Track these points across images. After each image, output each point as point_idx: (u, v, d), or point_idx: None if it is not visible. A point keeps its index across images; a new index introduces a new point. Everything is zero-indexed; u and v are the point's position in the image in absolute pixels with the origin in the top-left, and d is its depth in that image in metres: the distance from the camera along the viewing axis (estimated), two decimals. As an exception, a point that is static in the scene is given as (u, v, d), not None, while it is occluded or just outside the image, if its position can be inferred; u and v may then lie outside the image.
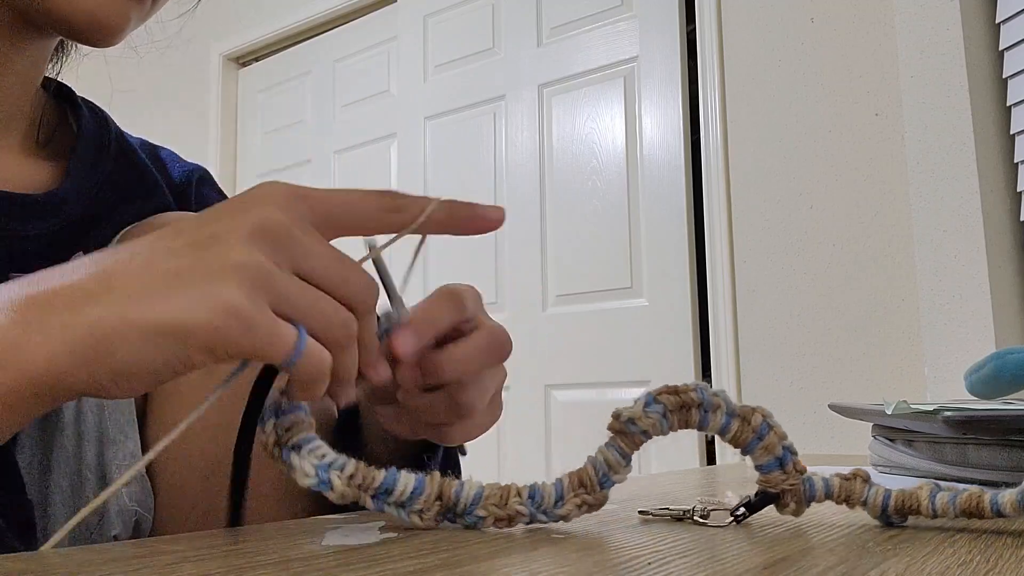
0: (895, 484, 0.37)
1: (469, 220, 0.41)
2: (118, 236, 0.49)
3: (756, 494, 0.37)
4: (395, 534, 0.35)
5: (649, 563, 0.28)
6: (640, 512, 0.39)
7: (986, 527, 0.36)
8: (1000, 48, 1.56)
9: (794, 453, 0.36)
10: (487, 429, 0.44)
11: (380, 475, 0.35)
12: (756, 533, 0.35)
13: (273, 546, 0.32)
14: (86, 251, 0.50)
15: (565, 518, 0.36)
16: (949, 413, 0.48)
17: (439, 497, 0.35)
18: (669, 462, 1.88)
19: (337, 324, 0.33)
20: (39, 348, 0.29)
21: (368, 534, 0.35)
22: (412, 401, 0.41)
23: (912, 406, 0.52)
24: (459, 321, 0.41)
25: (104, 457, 0.46)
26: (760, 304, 1.81)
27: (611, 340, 2.08)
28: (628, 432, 0.36)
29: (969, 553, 0.30)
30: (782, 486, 0.36)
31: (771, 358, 1.78)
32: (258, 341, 0.30)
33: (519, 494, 0.36)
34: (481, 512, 0.35)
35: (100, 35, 0.47)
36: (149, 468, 0.48)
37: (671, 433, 0.36)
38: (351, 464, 0.35)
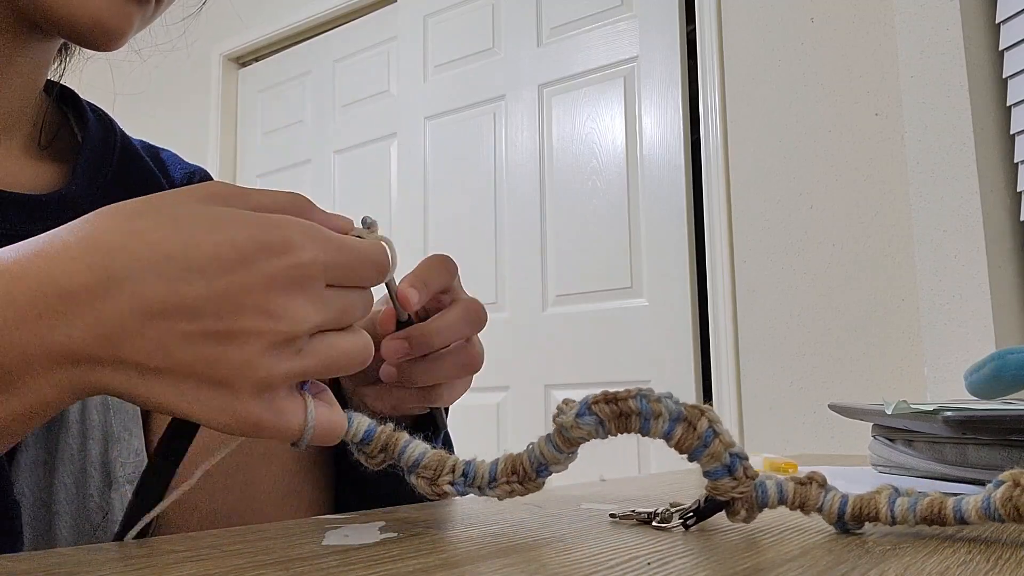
0: (896, 484, 0.37)
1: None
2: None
3: (705, 500, 0.35)
4: (395, 534, 0.35)
5: (649, 563, 0.28)
6: (611, 515, 0.40)
7: (949, 532, 0.35)
8: (1000, 48, 1.56)
9: (744, 459, 0.34)
10: (464, 391, 0.49)
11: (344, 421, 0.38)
12: (757, 533, 0.35)
13: (273, 546, 0.32)
14: None
15: (497, 498, 0.38)
16: (949, 413, 0.48)
17: (385, 448, 0.37)
18: (669, 462, 1.88)
19: (356, 364, 0.35)
20: (43, 395, 0.30)
21: (368, 534, 0.35)
22: (397, 375, 0.45)
23: (912, 406, 0.52)
24: (448, 286, 0.46)
25: (109, 454, 0.46)
26: (760, 304, 1.81)
27: (611, 340, 2.08)
28: (564, 435, 0.36)
29: (969, 553, 0.30)
30: (731, 494, 0.34)
31: (771, 358, 1.78)
32: (268, 434, 0.32)
33: (453, 471, 0.37)
34: (413, 479, 0.38)
35: (104, 39, 0.47)
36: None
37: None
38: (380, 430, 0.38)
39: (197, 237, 0.30)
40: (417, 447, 0.37)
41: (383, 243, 0.36)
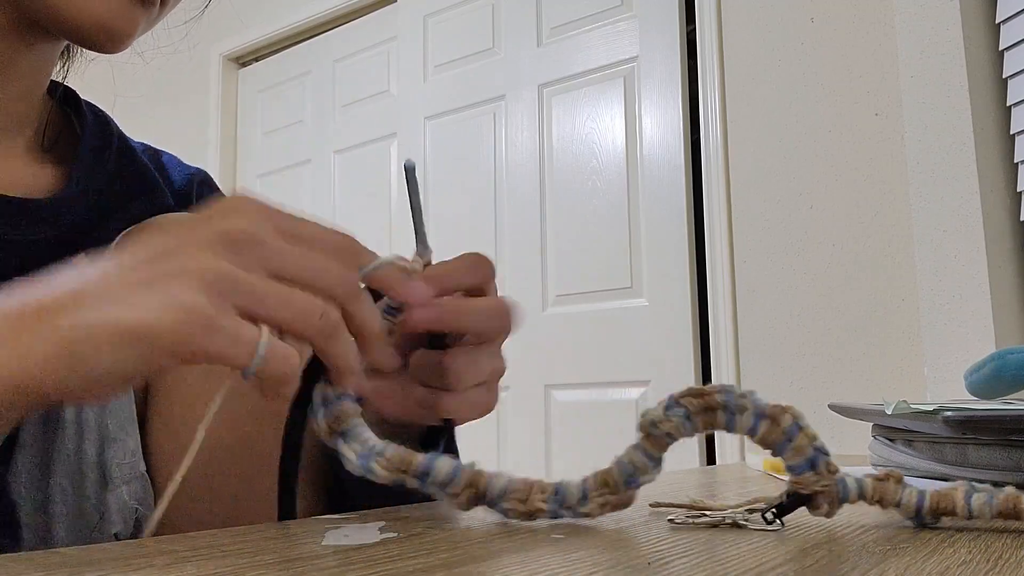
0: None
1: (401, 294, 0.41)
2: (118, 239, 0.49)
3: (787, 495, 0.36)
4: (395, 534, 0.35)
5: (649, 563, 0.28)
6: (669, 521, 0.38)
7: (995, 526, 0.36)
8: (1000, 48, 1.56)
9: (826, 454, 0.35)
10: (480, 413, 0.44)
11: (418, 458, 0.37)
12: (755, 534, 0.35)
13: (273, 546, 0.32)
14: (88, 255, 0.50)
15: (589, 515, 0.37)
16: (949, 413, 0.48)
17: (471, 484, 0.37)
18: (669, 461, 1.88)
19: (312, 314, 0.33)
20: (12, 360, 0.30)
21: (368, 534, 0.35)
22: (414, 354, 0.42)
23: (912, 406, 0.52)
24: (472, 285, 0.43)
25: (105, 455, 0.46)
26: (760, 304, 1.81)
27: (611, 340, 2.08)
28: (652, 434, 0.36)
29: (969, 553, 0.30)
30: (814, 487, 0.35)
31: (771, 358, 1.78)
32: (220, 342, 0.31)
33: (543, 491, 0.37)
34: (506, 504, 0.37)
35: (109, 41, 0.47)
36: (150, 466, 0.48)
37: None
38: (391, 448, 0.37)
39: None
40: (501, 477, 0.37)
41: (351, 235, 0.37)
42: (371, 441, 0.37)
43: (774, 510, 0.36)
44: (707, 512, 0.38)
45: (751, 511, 0.37)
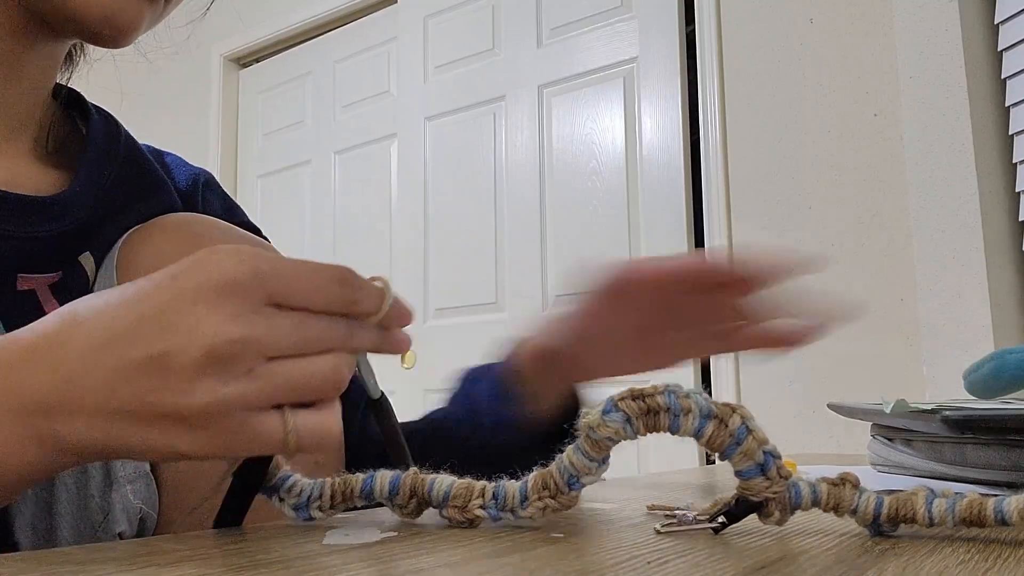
0: (896, 484, 0.36)
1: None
2: (124, 237, 0.49)
3: (736, 502, 0.34)
4: (395, 533, 0.35)
5: (649, 563, 0.29)
6: (656, 529, 0.37)
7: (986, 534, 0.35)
8: (999, 48, 1.56)
9: (777, 457, 0.33)
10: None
11: (359, 481, 0.37)
12: (756, 534, 0.35)
13: (274, 546, 0.32)
14: (93, 253, 0.50)
15: (530, 519, 0.36)
16: (948, 413, 0.48)
17: (413, 493, 0.37)
18: (669, 461, 1.88)
19: (327, 388, 0.34)
20: (11, 450, 0.31)
21: (368, 534, 0.35)
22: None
23: (911, 406, 0.52)
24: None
25: None
26: (760, 304, 1.81)
27: (611, 340, 2.08)
28: (591, 438, 0.34)
29: (968, 553, 0.31)
30: (765, 494, 0.33)
31: (771, 358, 1.78)
32: (248, 452, 0.33)
33: (482, 494, 0.36)
34: (446, 512, 0.36)
35: (115, 35, 0.46)
36: (154, 466, 0.48)
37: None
38: (326, 486, 0.37)
39: (143, 277, 0.33)
40: (444, 480, 0.36)
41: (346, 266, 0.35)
42: (300, 487, 0.37)
43: (722, 518, 0.34)
44: (674, 515, 0.37)
45: (711, 517, 0.35)
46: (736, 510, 0.34)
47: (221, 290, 0.31)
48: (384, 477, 0.37)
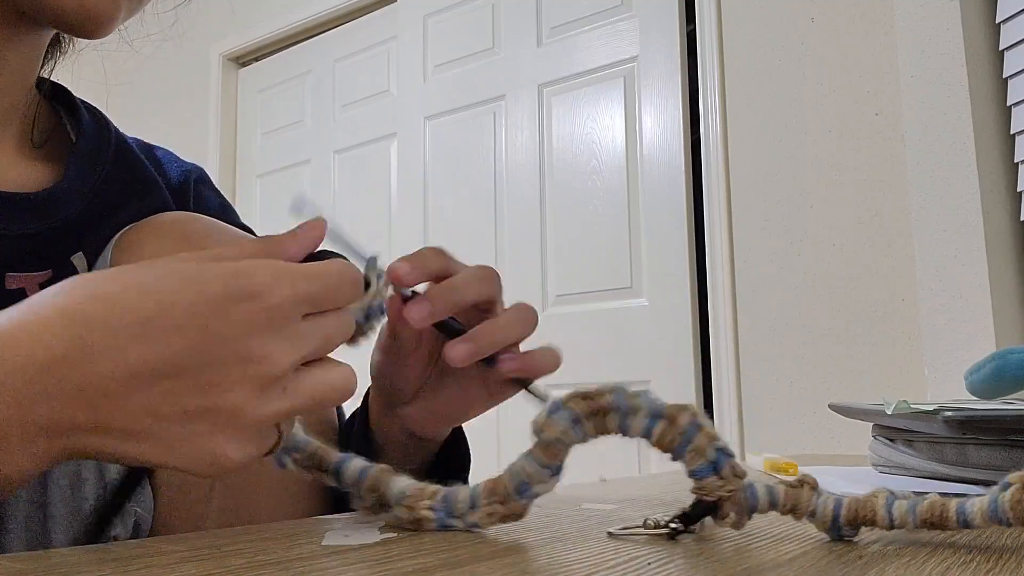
0: (895, 484, 0.36)
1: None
2: (116, 237, 0.49)
3: (692, 504, 0.33)
4: (395, 534, 0.35)
5: (649, 563, 0.28)
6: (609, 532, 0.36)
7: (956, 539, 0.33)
8: (1000, 48, 1.56)
9: (729, 455, 0.32)
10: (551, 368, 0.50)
11: (333, 457, 0.38)
12: (753, 536, 0.35)
13: (273, 546, 0.32)
14: (85, 252, 0.50)
15: (479, 525, 0.35)
16: (949, 413, 0.48)
17: (374, 488, 0.37)
18: (669, 461, 1.88)
19: (342, 396, 0.36)
20: (20, 464, 0.30)
21: (368, 534, 0.35)
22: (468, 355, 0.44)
23: (912, 406, 0.52)
24: (482, 299, 0.46)
25: None
26: (760, 304, 1.81)
27: (611, 340, 2.08)
28: (543, 440, 0.34)
29: (969, 553, 0.30)
30: (719, 493, 0.32)
31: (771, 358, 1.78)
32: (249, 464, 0.33)
33: (432, 497, 0.35)
34: (397, 512, 0.36)
35: (91, 26, 0.46)
36: (149, 469, 0.48)
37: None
38: (312, 446, 0.38)
39: (171, 297, 0.31)
40: (402, 480, 0.37)
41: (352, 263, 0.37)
42: (294, 438, 0.38)
43: (677, 522, 0.33)
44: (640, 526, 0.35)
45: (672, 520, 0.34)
46: (691, 513, 0.33)
47: (267, 319, 0.32)
48: (355, 465, 0.38)
